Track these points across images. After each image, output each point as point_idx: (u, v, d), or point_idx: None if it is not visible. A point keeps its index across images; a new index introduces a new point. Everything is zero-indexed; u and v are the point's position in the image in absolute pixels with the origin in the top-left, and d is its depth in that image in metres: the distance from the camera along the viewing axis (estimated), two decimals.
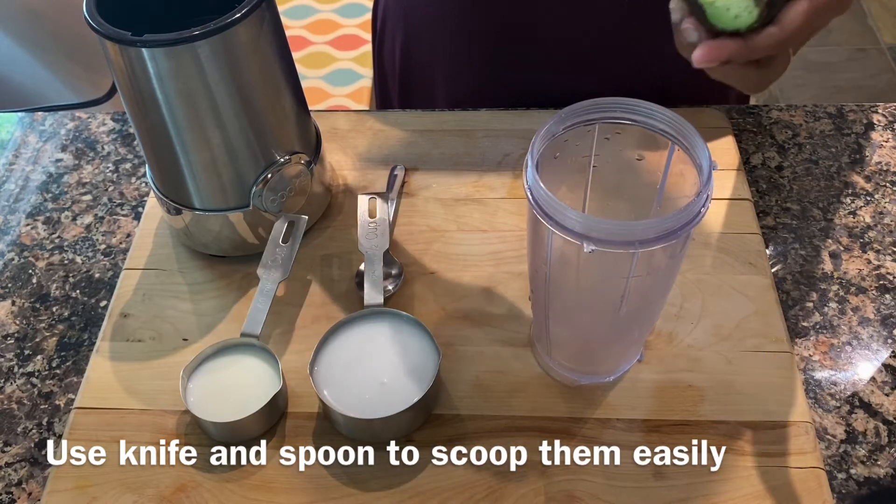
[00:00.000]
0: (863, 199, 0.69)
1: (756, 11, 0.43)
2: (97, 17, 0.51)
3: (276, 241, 0.61)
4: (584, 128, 0.46)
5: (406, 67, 0.84)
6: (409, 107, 0.86)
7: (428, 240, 0.66)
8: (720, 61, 0.45)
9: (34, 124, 0.81)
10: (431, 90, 0.83)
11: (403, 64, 0.84)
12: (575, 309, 0.53)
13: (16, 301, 0.65)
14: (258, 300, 0.58)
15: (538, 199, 0.43)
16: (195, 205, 0.61)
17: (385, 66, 0.88)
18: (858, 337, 0.60)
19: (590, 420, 0.54)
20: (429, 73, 0.82)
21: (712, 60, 0.45)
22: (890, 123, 0.75)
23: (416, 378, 0.54)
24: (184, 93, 0.54)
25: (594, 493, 0.51)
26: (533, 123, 0.73)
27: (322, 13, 2.36)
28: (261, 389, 0.54)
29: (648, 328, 0.57)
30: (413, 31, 0.81)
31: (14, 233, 0.71)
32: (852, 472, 0.53)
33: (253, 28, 0.54)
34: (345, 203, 0.69)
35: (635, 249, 0.42)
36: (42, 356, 0.62)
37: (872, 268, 0.64)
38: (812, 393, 0.57)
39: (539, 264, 0.48)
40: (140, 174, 0.75)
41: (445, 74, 0.81)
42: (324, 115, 0.76)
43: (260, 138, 0.59)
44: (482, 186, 0.69)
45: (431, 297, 0.62)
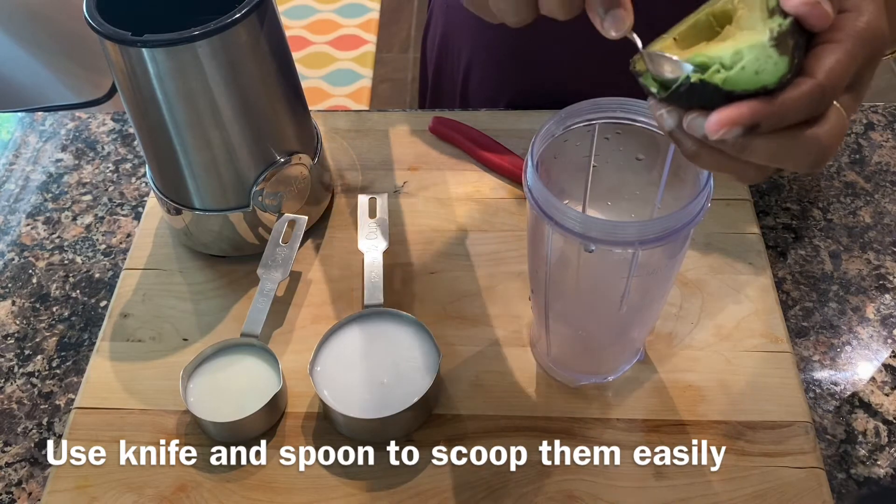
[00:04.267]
0: (863, 199, 0.69)
1: (784, 61, 0.33)
2: (97, 17, 0.51)
3: (276, 241, 0.61)
4: (584, 128, 0.46)
5: (439, 62, 0.85)
6: (439, 104, 0.87)
7: (428, 240, 0.66)
8: (744, 124, 0.33)
9: (34, 124, 0.81)
10: (455, 86, 0.84)
11: (438, 57, 0.85)
12: (575, 309, 0.53)
13: (16, 301, 0.65)
14: (258, 300, 0.58)
15: (538, 199, 0.43)
16: (195, 205, 0.61)
17: (426, 59, 0.89)
18: (858, 337, 0.60)
19: (590, 420, 0.54)
20: (457, 67, 0.82)
21: (733, 123, 0.33)
22: (890, 123, 0.75)
23: (416, 378, 0.54)
24: (184, 93, 0.54)
25: (594, 493, 0.51)
26: (533, 123, 0.73)
27: (322, 13, 2.36)
28: (261, 389, 0.54)
29: (648, 328, 0.57)
30: (450, 22, 0.81)
31: (14, 233, 0.71)
32: (852, 472, 0.53)
33: (253, 28, 0.54)
34: (345, 203, 0.69)
35: (635, 249, 0.42)
36: (42, 356, 0.62)
37: (872, 268, 0.64)
38: (812, 393, 0.57)
39: (539, 264, 0.48)
40: (140, 174, 0.75)
41: (468, 68, 0.81)
42: (324, 115, 0.76)
43: (260, 138, 0.59)
44: (482, 186, 0.69)
45: (431, 297, 0.62)
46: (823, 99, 0.34)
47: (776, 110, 0.33)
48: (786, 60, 0.33)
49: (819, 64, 0.34)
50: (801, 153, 0.35)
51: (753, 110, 0.33)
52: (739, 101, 0.33)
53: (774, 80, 0.33)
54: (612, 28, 0.36)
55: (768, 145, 0.34)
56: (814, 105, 0.34)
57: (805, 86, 0.33)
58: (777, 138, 0.34)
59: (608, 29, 0.36)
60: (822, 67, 0.34)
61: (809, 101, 0.34)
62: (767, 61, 0.33)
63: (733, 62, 0.33)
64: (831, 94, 0.34)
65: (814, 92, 0.33)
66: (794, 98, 0.33)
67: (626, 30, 0.36)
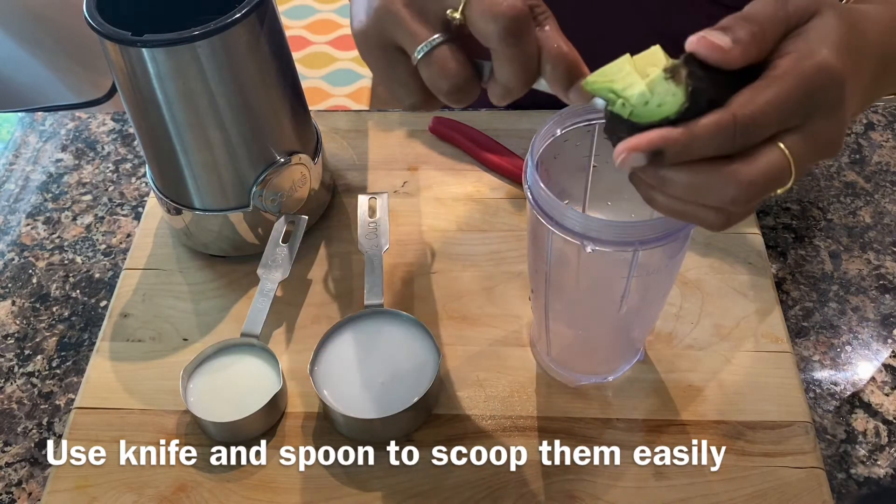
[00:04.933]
0: (863, 199, 0.69)
1: (680, 90, 0.33)
2: (97, 17, 0.51)
3: (276, 241, 0.61)
4: (584, 128, 0.46)
5: None
6: None
7: (428, 240, 0.66)
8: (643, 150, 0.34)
9: (34, 124, 0.81)
10: None
11: None
12: (575, 309, 0.53)
13: (16, 301, 0.65)
14: (258, 300, 0.58)
15: (538, 199, 0.43)
16: (195, 205, 0.61)
17: None
18: (858, 337, 0.60)
19: (590, 420, 0.54)
20: None
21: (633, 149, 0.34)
22: (890, 123, 0.75)
23: (416, 378, 0.54)
24: (184, 93, 0.54)
25: (594, 493, 0.51)
26: (533, 123, 0.73)
27: (322, 13, 2.36)
28: (261, 389, 0.54)
29: (648, 328, 0.57)
30: None
31: (14, 233, 0.71)
32: (852, 472, 0.53)
33: (253, 28, 0.54)
34: (345, 203, 0.69)
35: (636, 250, 0.42)
36: (42, 356, 0.62)
37: (872, 268, 0.64)
38: (812, 393, 0.57)
39: (539, 264, 0.48)
40: (140, 174, 0.75)
41: None
42: (324, 115, 0.76)
43: (260, 138, 0.59)
44: (482, 186, 0.69)
45: (431, 297, 0.62)
46: (737, 132, 0.33)
47: (678, 137, 0.33)
48: (682, 90, 0.33)
49: (739, 98, 0.33)
50: (720, 188, 0.34)
51: (651, 137, 0.33)
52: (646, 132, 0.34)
53: (674, 110, 0.34)
54: (578, 99, 0.38)
55: (682, 177, 0.34)
56: (726, 137, 0.33)
57: (713, 116, 0.33)
58: (692, 170, 0.34)
59: (574, 100, 0.38)
60: (740, 101, 0.33)
61: (717, 132, 0.33)
62: (667, 93, 0.34)
63: (635, 96, 0.35)
64: (749, 129, 0.33)
65: (722, 122, 0.33)
66: (700, 127, 0.33)
67: (590, 98, 0.37)
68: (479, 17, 0.36)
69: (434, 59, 0.38)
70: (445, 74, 0.38)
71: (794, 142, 0.34)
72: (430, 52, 0.38)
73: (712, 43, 0.34)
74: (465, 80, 0.38)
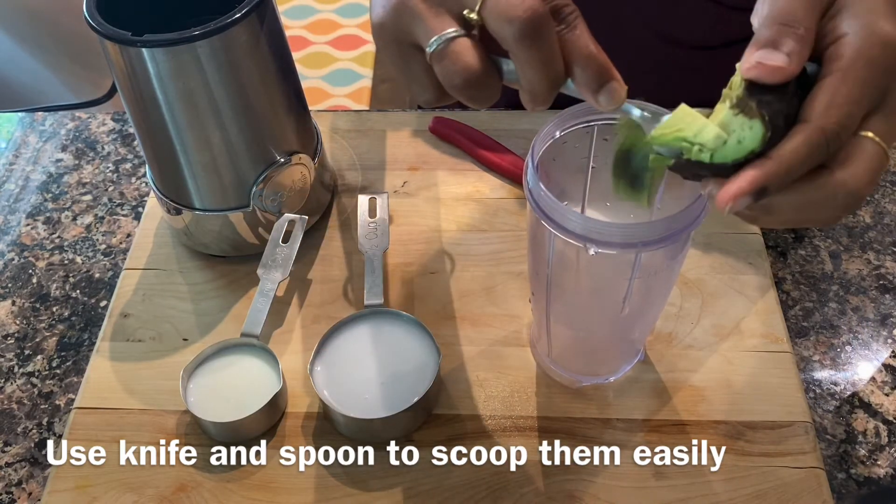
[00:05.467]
0: None
1: (757, 123, 0.33)
2: (97, 17, 0.51)
3: (276, 241, 0.61)
4: (583, 129, 0.46)
5: None
6: None
7: (428, 240, 0.66)
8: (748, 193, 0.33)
9: (34, 124, 0.81)
10: None
11: None
12: (576, 311, 0.53)
13: (16, 301, 0.65)
14: (258, 300, 0.58)
15: (539, 201, 0.43)
16: (195, 205, 0.61)
17: None
18: (858, 337, 0.60)
19: (590, 420, 0.54)
20: None
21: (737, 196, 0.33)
22: None
23: (416, 378, 0.54)
24: (184, 93, 0.54)
25: (594, 493, 0.51)
26: (533, 124, 0.73)
27: (322, 13, 2.36)
28: (261, 389, 0.54)
29: (649, 329, 0.57)
30: None
31: (14, 233, 0.71)
32: (852, 472, 0.53)
33: (253, 28, 0.54)
34: (345, 203, 0.69)
35: (637, 251, 0.42)
36: (42, 356, 0.62)
37: (872, 268, 0.64)
38: (812, 393, 0.57)
39: (540, 266, 0.48)
40: (140, 174, 0.75)
41: None
42: (324, 115, 0.76)
43: (260, 138, 0.59)
44: (482, 186, 0.69)
45: (431, 297, 0.62)
46: (829, 143, 0.32)
47: (774, 169, 0.32)
48: (758, 121, 0.33)
49: (811, 106, 0.33)
50: (830, 201, 0.33)
51: (751, 178, 0.33)
52: (737, 173, 0.33)
53: (757, 143, 0.33)
54: (608, 103, 0.36)
55: (789, 201, 0.34)
56: (820, 152, 0.32)
57: (801, 136, 0.32)
58: (797, 192, 0.33)
59: (605, 105, 0.36)
60: (815, 109, 0.33)
61: (809, 147, 0.32)
62: (742, 128, 0.33)
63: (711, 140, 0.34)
64: (839, 135, 0.32)
65: (812, 140, 0.32)
66: (791, 149, 0.32)
67: (621, 102, 0.36)
68: (495, 19, 0.35)
69: (446, 53, 0.36)
70: (457, 69, 0.36)
71: (879, 124, 0.34)
72: (443, 46, 0.36)
73: (772, 67, 0.33)
74: (477, 76, 0.37)
